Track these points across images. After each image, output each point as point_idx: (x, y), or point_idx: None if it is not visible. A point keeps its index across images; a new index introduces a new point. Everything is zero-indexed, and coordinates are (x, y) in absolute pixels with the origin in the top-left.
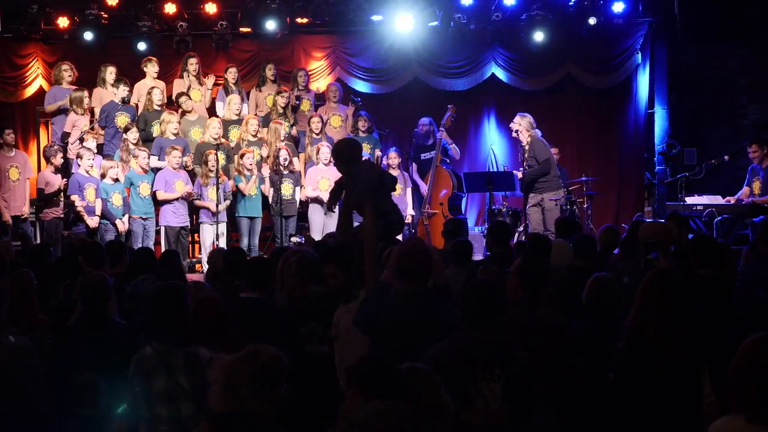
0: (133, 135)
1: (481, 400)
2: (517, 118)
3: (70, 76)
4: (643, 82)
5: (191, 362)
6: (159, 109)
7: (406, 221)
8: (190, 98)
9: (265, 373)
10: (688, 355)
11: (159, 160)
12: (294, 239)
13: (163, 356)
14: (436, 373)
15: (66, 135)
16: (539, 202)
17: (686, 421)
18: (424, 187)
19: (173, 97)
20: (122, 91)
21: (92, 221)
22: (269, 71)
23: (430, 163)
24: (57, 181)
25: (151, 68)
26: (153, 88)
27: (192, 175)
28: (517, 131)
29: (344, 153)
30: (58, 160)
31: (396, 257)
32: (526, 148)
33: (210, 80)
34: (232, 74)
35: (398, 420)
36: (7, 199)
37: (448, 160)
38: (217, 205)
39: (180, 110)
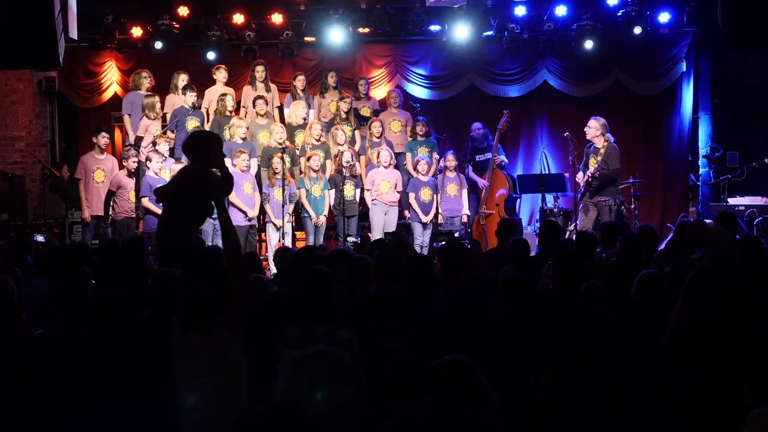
0: None
1: (542, 391)
2: (592, 122)
3: (149, 83)
4: (688, 88)
5: (334, 341)
6: (230, 114)
7: (462, 221)
8: (266, 103)
9: (328, 373)
10: (730, 349)
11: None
12: (351, 239)
13: (307, 335)
14: (499, 366)
15: (138, 139)
16: (595, 202)
17: (728, 413)
18: (482, 182)
19: (243, 103)
20: (190, 97)
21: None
22: (331, 78)
23: (485, 164)
24: (131, 184)
25: (221, 75)
26: (225, 94)
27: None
28: (595, 136)
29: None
30: (132, 163)
31: (439, 257)
32: (601, 151)
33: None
34: (300, 82)
35: (443, 414)
36: (89, 199)
37: (503, 163)
38: (283, 218)
39: (254, 113)
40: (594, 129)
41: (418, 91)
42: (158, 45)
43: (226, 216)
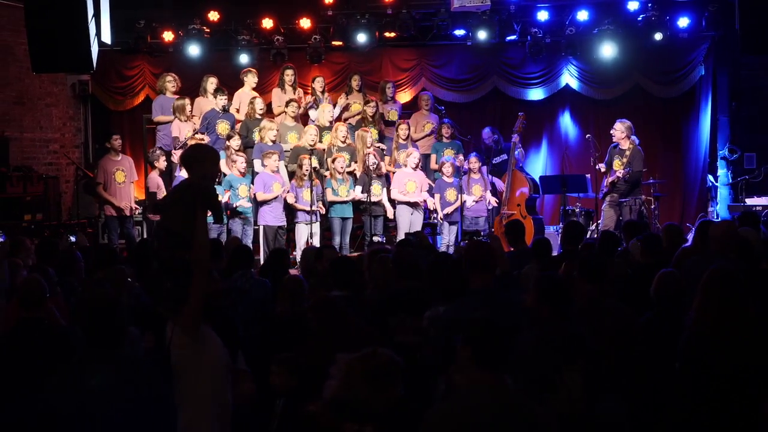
0: (235, 142)
1: (565, 389)
2: (618, 125)
3: (174, 86)
4: (706, 91)
5: None
6: (260, 117)
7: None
8: (298, 107)
9: (381, 373)
10: (748, 348)
11: (262, 165)
12: (375, 238)
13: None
14: (523, 363)
15: (176, 140)
16: (617, 203)
17: (747, 410)
18: (500, 184)
19: (273, 106)
20: (221, 100)
21: None
22: (354, 82)
23: (501, 166)
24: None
25: (251, 78)
26: (255, 98)
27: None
28: (621, 138)
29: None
30: (162, 163)
31: (464, 256)
32: (627, 153)
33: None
34: (319, 83)
35: (504, 398)
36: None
37: (520, 164)
38: (311, 206)
39: (284, 115)
40: (620, 131)
41: (443, 94)
42: (189, 49)
43: (203, 224)
